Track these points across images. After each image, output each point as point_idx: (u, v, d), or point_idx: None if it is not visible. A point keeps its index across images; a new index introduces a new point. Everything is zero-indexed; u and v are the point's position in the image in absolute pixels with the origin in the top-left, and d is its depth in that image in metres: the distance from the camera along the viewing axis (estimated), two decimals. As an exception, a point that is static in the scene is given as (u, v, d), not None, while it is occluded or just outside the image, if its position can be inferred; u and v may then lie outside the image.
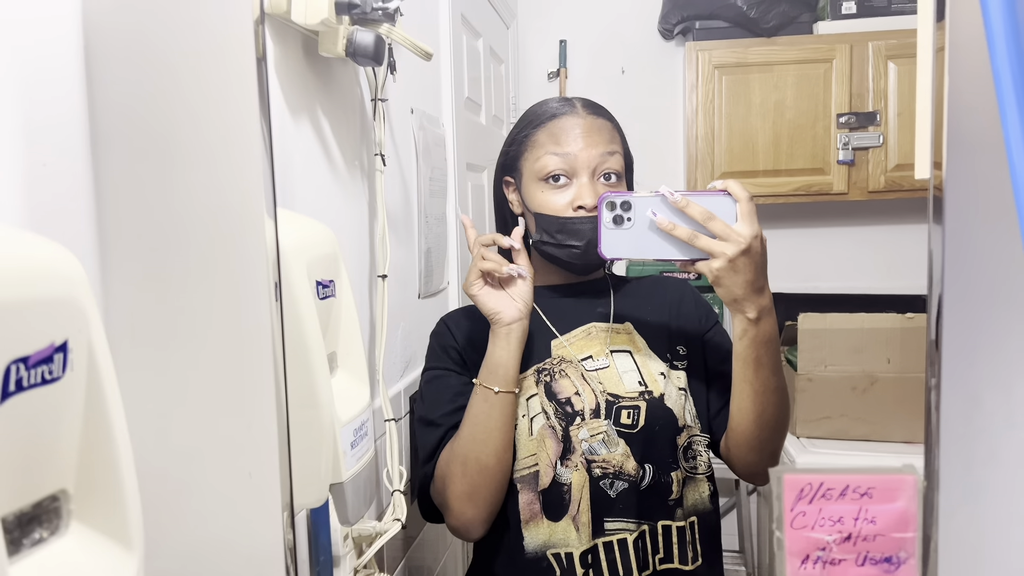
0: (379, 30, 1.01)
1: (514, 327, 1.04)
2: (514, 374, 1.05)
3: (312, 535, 0.93)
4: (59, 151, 0.60)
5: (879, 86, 2.38)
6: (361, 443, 0.80)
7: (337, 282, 0.81)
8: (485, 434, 1.04)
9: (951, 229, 0.53)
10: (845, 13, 2.43)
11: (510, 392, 1.05)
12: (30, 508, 0.41)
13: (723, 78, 2.46)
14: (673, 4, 2.58)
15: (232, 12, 0.60)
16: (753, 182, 2.43)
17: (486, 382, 1.05)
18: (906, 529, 0.53)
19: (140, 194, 0.61)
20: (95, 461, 0.44)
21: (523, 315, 1.05)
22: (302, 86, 1.02)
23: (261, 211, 0.59)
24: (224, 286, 0.60)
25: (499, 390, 1.04)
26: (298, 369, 0.70)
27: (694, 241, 0.95)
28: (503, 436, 1.05)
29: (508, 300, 1.04)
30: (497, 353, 1.05)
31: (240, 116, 0.59)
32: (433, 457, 1.11)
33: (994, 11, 0.48)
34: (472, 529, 1.08)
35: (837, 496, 0.53)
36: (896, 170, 2.39)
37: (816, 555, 0.53)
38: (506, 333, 1.04)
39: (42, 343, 0.40)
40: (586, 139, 1.09)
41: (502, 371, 1.04)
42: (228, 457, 0.61)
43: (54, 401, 0.41)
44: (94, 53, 0.62)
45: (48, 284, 0.41)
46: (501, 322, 1.04)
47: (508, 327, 1.04)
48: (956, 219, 0.53)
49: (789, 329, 2.10)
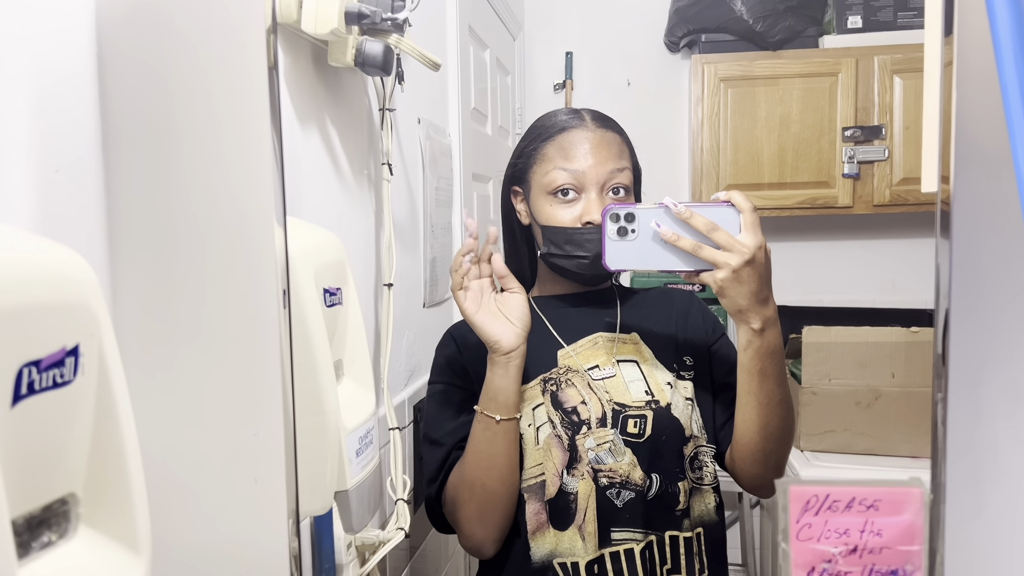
0: (388, 40, 1.02)
1: (513, 355, 1.02)
2: (515, 400, 1.04)
3: (316, 543, 0.93)
4: (72, 157, 0.60)
5: (884, 100, 2.39)
6: (366, 451, 0.80)
7: (344, 290, 0.81)
8: (489, 460, 1.04)
9: (958, 243, 0.54)
10: (851, 27, 2.43)
11: (512, 419, 1.04)
12: (39, 511, 0.41)
13: (729, 91, 2.47)
14: (679, 17, 2.60)
15: (244, 21, 0.60)
16: (758, 195, 2.43)
17: (487, 410, 1.04)
18: (912, 542, 0.53)
19: (151, 201, 0.62)
20: (104, 465, 0.44)
21: (522, 340, 1.02)
22: (311, 95, 1.02)
23: (271, 219, 0.59)
24: (233, 293, 0.60)
25: (501, 418, 1.03)
26: (305, 376, 0.70)
27: (698, 252, 0.95)
28: (507, 461, 1.05)
29: (507, 325, 1.02)
30: (496, 381, 1.03)
31: (251, 125, 0.60)
32: (438, 477, 1.11)
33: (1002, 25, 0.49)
34: (484, 548, 1.09)
35: (843, 508, 0.53)
36: (901, 184, 2.39)
37: (822, 567, 0.53)
38: (505, 362, 1.02)
39: (54, 347, 0.40)
40: (595, 155, 1.09)
41: (503, 398, 1.03)
42: (235, 463, 0.61)
43: (65, 405, 0.41)
44: (107, 61, 0.62)
45: (60, 289, 0.42)
46: (500, 350, 1.01)
47: (507, 355, 1.02)
48: (963, 233, 0.54)
49: (793, 342, 2.10)
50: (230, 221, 0.60)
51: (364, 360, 0.85)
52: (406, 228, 1.44)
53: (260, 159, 0.59)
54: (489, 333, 1.01)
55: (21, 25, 0.56)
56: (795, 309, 2.47)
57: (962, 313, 0.54)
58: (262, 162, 0.59)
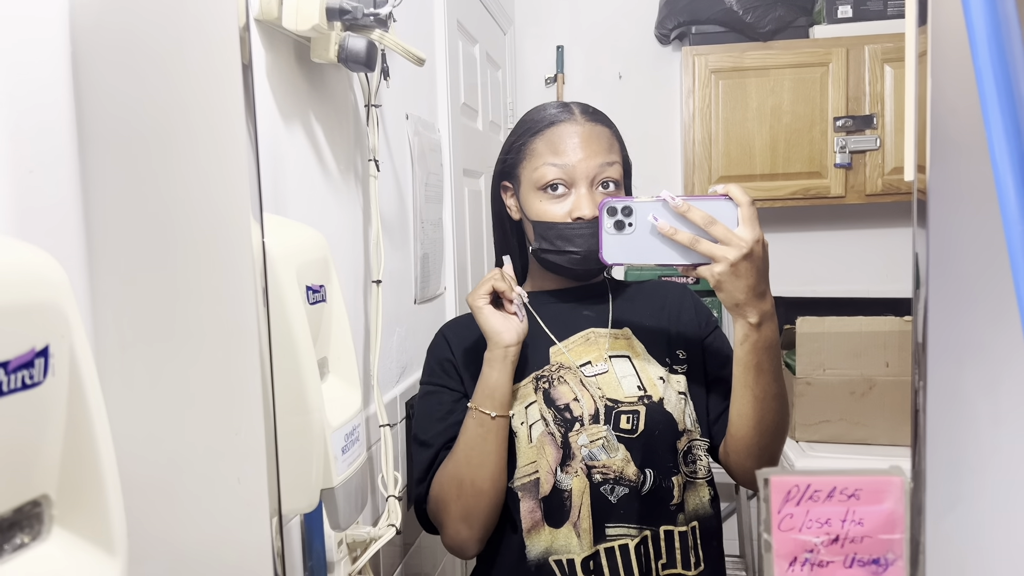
0: (371, 36, 1.01)
1: (511, 350, 1.05)
2: (509, 397, 1.07)
3: (306, 541, 0.93)
4: (46, 157, 0.60)
5: (875, 89, 2.39)
6: (352, 448, 0.80)
7: (328, 287, 0.81)
8: (480, 458, 1.05)
9: (935, 231, 0.54)
10: (841, 17, 2.43)
11: (505, 416, 1.06)
12: (11, 513, 0.41)
13: (720, 82, 2.46)
14: (669, 9, 2.59)
15: (219, 18, 0.60)
16: (750, 186, 2.43)
17: (482, 407, 1.05)
18: (893, 531, 0.53)
19: (127, 199, 0.61)
20: (78, 466, 0.44)
21: (520, 339, 1.06)
22: (294, 92, 1.02)
23: (247, 215, 0.59)
24: (211, 291, 0.60)
25: (496, 415, 1.05)
26: (288, 374, 0.70)
27: (696, 246, 0.95)
28: (498, 459, 1.06)
29: (511, 322, 1.05)
30: (494, 376, 1.05)
31: (226, 123, 0.59)
32: (426, 477, 1.11)
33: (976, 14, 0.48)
34: (467, 549, 1.09)
35: (824, 498, 0.53)
36: (893, 173, 2.39)
37: (804, 557, 0.53)
38: (502, 356, 1.05)
39: (22, 348, 0.40)
40: (585, 148, 1.09)
41: (499, 394, 1.05)
42: (216, 463, 0.61)
43: (35, 406, 0.41)
44: (81, 58, 0.62)
45: (29, 289, 0.42)
46: (501, 343, 1.04)
47: (506, 349, 1.05)
48: (940, 221, 0.54)
49: (787, 333, 2.10)
50: (207, 219, 0.60)
51: (350, 357, 0.84)
52: (395, 224, 1.43)
53: (236, 157, 0.59)
54: (494, 324, 1.05)
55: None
56: (788, 300, 2.46)
57: (940, 301, 0.54)
58: (238, 159, 0.59)
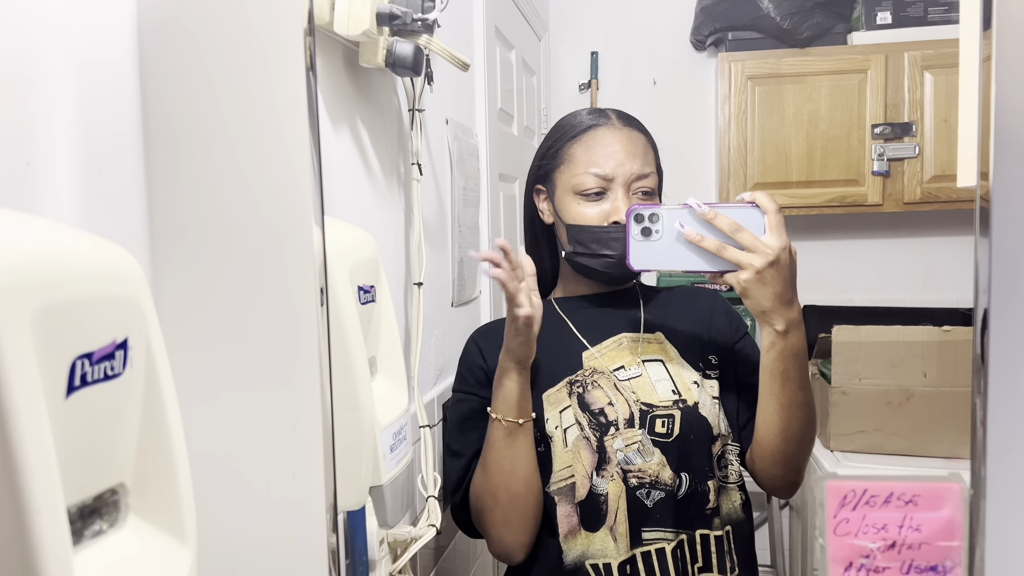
0: (418, 41, 1.03)
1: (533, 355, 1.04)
2: (530, 403, 1.07)
3: (349, 538, 0.94)
4: (115, 159, 0.62)
5: (915, 96, 2.36)
6: (400, 447, 0.81)
7: (378, 287, 0.82)
8: (511, 464, 1.05)
9: (997, 240, 0.53)
10: (880, 23, 2.41)
11: (529, 421, 1.07)
12: (91, 501, 0.42)
13: (756, 89, 2.45)
14: (706, 15, 2.58)
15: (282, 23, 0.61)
16: (786, 193, 2.41)
17: (508, 416, 1.05)
18: (952, 538, 0.53)
19: (191, 200, 0.63)
20: (152, 456, 0.45)
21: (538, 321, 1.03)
22: (343, 96, 1.04)
23: (309, 218, 0.60)
24: (272, 290, 0.61)
25: (523, 421, 1.05)
26: (340, 372, 0.71)
27: (722, 253, 0.95)
28: (529, 464, 1.06)
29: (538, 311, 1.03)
30: (514, 385, 1.04)
31: (289, 125, 0.61)
32: (460, 487, 1.12)
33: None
34: (514, 554, 1.09)
35: (881, 503, 0.53)
36: (932, 181, 2.36)
37: (860, 562, 0.53)
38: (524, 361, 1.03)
39: (105, 340, 0.41)
40: (623, 153, 1.09)
41: (523, 401, 1.06)
42: (273, 457, 0.62)
43: (114, 397, 0.43)
44: (148, 63, 0.64)
45: (110, 284, 0.43)
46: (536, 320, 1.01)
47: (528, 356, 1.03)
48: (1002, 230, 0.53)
49: (823, 342, 2.08)
50: (269, 220, 0.61)
51: (397, 357, 0.85)
52: (434, 228, 1.45)
53: (298, 159, 0.60)
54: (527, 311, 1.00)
55: (64, 30, 0.57)
56: (824, 308, 2.45)
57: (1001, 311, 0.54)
58: (300, 162, 0.60)
